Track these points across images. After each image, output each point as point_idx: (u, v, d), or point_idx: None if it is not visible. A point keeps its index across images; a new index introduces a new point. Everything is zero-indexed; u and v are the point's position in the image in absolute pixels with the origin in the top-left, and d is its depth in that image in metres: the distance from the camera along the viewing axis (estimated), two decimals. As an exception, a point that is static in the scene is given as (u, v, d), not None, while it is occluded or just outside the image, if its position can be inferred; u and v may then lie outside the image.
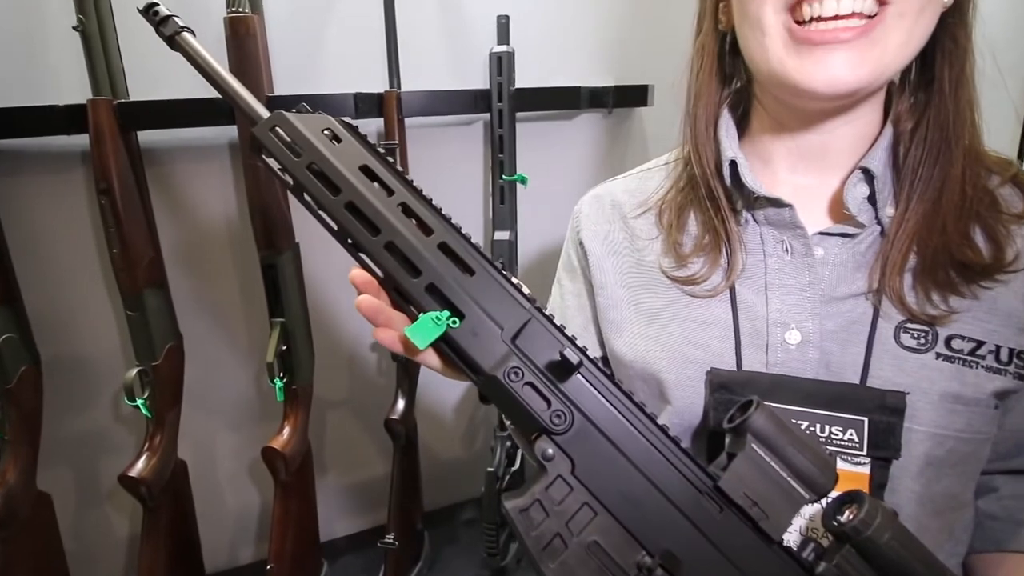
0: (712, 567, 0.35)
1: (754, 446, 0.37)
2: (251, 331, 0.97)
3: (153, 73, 0.79)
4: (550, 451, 0.36)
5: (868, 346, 0.44)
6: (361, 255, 0.39)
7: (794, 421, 0.42)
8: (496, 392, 0.38)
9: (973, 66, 0.44)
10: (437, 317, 0.37)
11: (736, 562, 0.35)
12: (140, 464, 0.82)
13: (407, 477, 0.96)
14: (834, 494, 0.37)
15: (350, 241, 0.39)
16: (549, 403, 0.37)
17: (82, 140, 0.77)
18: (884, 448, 0.42)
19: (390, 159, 0.41)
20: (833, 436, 0.43)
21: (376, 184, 0.39)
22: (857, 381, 0.43)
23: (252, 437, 1.01)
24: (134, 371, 0.82)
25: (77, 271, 0.87)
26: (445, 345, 0.39)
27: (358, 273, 0.38)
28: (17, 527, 0.79)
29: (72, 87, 0.78)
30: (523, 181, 0.97)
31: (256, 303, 0.93)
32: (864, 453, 0.42)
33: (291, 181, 0.40)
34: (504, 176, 0.96)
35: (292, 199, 0.71)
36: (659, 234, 0.53)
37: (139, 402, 0.82)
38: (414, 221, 0.39)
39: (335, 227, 0.40)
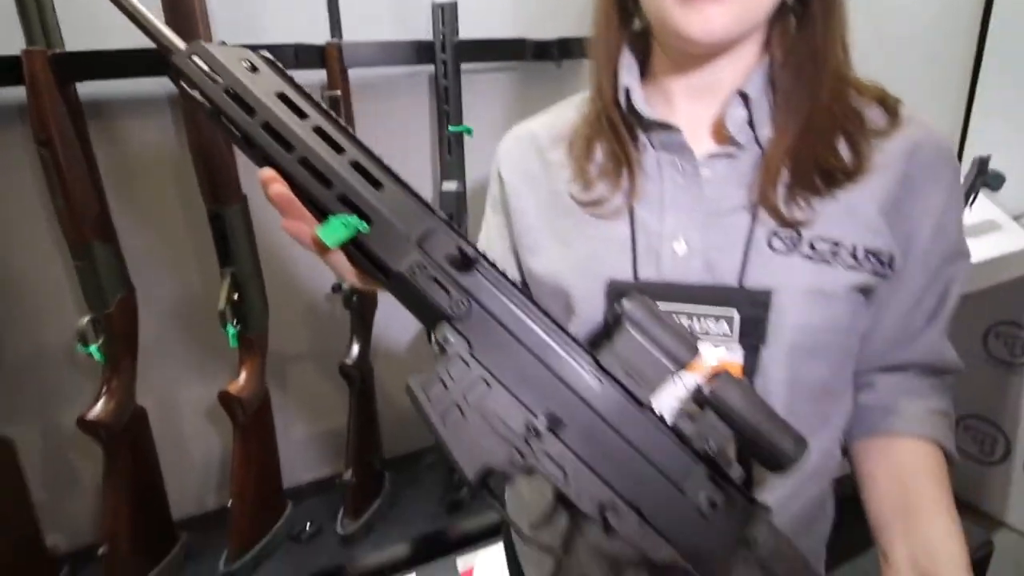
0: (591, 426, 0.40)
1: (628, 328, 0.41)
2: (205, 282, 0.99)
3: (89, 24, 0.79)
4: (450, 336, 0.40)
5: (745, 252, 0.48)
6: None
7: (675, 317, 0.47)
8: (403, 289, 0.41)
9: None
10: (346, 221, 0.40)
11: (611, 423, 0.40)
12: (98, 408, 0.85)
13: (363, 420, 1.00)
14: (701, 378, 0.42)
15: (267, 160, 0.42)
16: (449, 293, 0.41)
17: (19, 93, 0.77)
18: (751, 336, 0.47)
19: (310, 94, 0.43)
20: (709, 328, 0.48)
21: (291, 109, 0.42)
22: (735, 283, 0.48)
23: (213, 386, 1.03)
24: (86, 319, 0.84)
25: (24, 224, 0.88)
26: (356, 250, 0.42)
27: (271, 175, 0.41)
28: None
29: (6, 38, 0.78)
30: (468, 132, 0.99)
31: (208, 255, 0.95)
32: (736, 341, 0.47)
33: (209, 105, 0.42)
34: (450, 127, 0.98)
35: (238, 153, 0.73)
36: (570, 163, 0.57)
37: (92, 348, 0.84)
38: (327, 143, 0.42)
39: (252, 149, 0.42)
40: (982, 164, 1.44)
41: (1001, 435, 1.67)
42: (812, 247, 0.48)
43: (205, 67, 0.42)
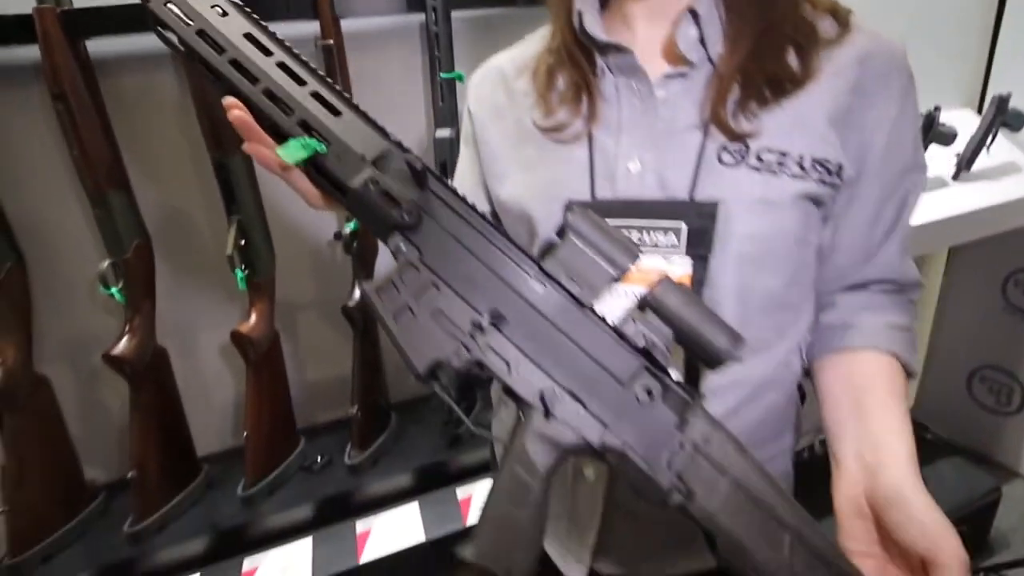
0: (533, 323, 0.43)
1: (571, 237, 0.44)
2: (216, 231, 1.05)
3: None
4: (402, 245, 0.44)
5: (696, 168, 0.50)
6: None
7: (626, 231, 0.50)
8: (358, 204, 0.45)
9: None
10: (305, 143, 0.44)
11: (553, 320, 0.43)
12: (121, 345, 0.92)
13: (367, 359, 1.06)
14: (645, 286, 0.45)
15: (234, 92, 0.46)
16: (400, 206, 0.44)
17: (34, 52, 0.83)
18: (699, 247, 0.49)
19: (276, 35, 0.47)
20: (658, 241, 0.50)
21: (257, 48, 0.46)
22: (686, 196, 0.50)
23: (229, 329, 1.10)
24: (106, 263, 0.91)
25: (46, 175, 0.94)
26: (315, 170, 0.46)
27: (232, 101, 0.45)
28: (20, 405, 0.91)
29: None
30: (460, 79, 1.01)
31: (217, 204, 1.01)
32: (683, 252, 0.49)
33: (182, 47, 0.47)
34: (442, 74, 1.00)
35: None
36: (533, 91, 0.59)
37: (113, 290, 0.91)
38: (289, 76, 0.46)
39: (221, 82, 0.46)
40: (1001, 103, 1.38)
41: (1018, 385, 1.64)
42: (759, 158, 0.49)
43: (179, 12, 0.46)
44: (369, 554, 0.93)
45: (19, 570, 0.90)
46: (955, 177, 1.40)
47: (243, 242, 0.96)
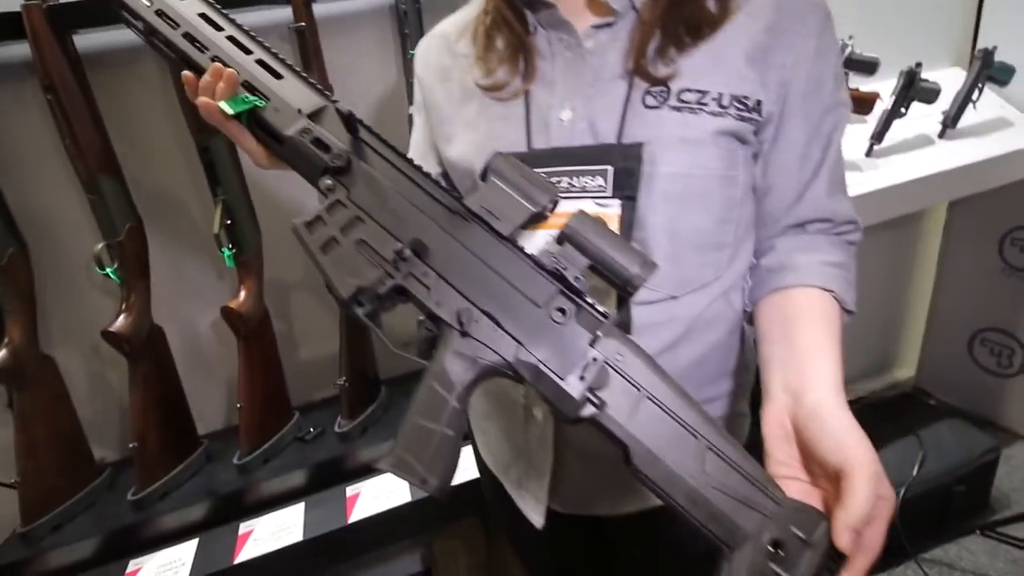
0: (453, 252, 0.47)
1: (493, 179, 0.48)
2: (205, 212, 1.09)
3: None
4: (330, 182, 0.48)
5: (623, 112, 0.52)
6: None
7: (556, 179, 0.52)
8: (293, 152, 0.49)
9: None
10: (245, 98, 0.50)
11: (472, 249, 0.46)
12: (119, 322, 0.97)
13: (354, 331, 1.10)
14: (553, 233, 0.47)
15: (187, 61, 0.52)
16: (330, 151, 0.48)
17: (26, 48, 0.88)
18: (625, 188, 0.51)
19: (228, 15, 0.53)
20: (587, 185, 0.52)
21: (208, 23, 0.52)
22: (614, 141, 0.52)
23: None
24: (100, 244, 0.96)
25: (42, 164, 1.00)
26: (256, 125, 0.50)
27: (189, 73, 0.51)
28: (28, 383, 0.97)
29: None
30: (432, 56, 1.04)
31: (205, 186, 1.06)
32: (610, 195, 0.52)
33: (142, 27, 0.53)
34: (411, 51, 1.03)
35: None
36: (473, 52, 0.62)
37: (108, 270, 0.96)
38: (236, 46, 0.52)
39: (175, 53, 0.52)
40: (987, 56, 1.37)
41: (1018, 345, 1.62)
42: (680, 99, 0.52)
43: None
44: (358, 514, 0.97)
45: (30, 537, 0.96)
46: (941, 135, 1.39)
47: (229, 221, 1.00)
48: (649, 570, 0.69)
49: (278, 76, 0.51)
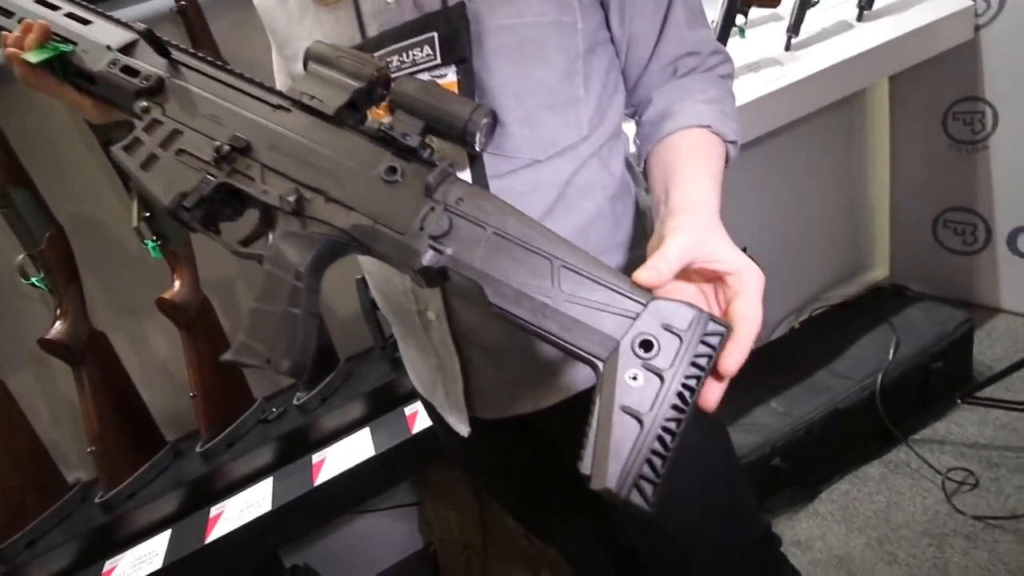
0: (277, 142, 0.46)
1: (312, 64, 0.47)
2: (129, 207, 1.09)
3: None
4: (144, 104, 0.48)
5: None
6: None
7: (385, 60, 0.52)
8: (107, 87, 0.50)
9: None
10: (53, 46, 0.50)
11: (298, 134, 0.46)
12: (55, 329, 0.97)
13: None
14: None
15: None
16: (138, 74, 0.49)
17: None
18: (454, 52, 0.50)
19: None
20: (416, 58, 0.52)
21: None
22: (439, 7, 0.51)
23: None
24: (21, 256, 0.96)
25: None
26: (74, 74, 0.51)
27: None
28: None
29: None
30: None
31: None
32: (440, 62, 0.51)
33: None
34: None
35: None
36: None
37: (34, 279, 0.96)
38: (44, 6, 0.53)
39: None
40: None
41: (979, 219, 1.62)
42: None
43: None
44: (323, 477, 0.97)
45: (5, 555, 0.96)
46: (859, 18, 1.38)
47: (148, 214, 1.00)
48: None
49: (86, 22, 0.52)
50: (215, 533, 0.93)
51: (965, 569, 1.15)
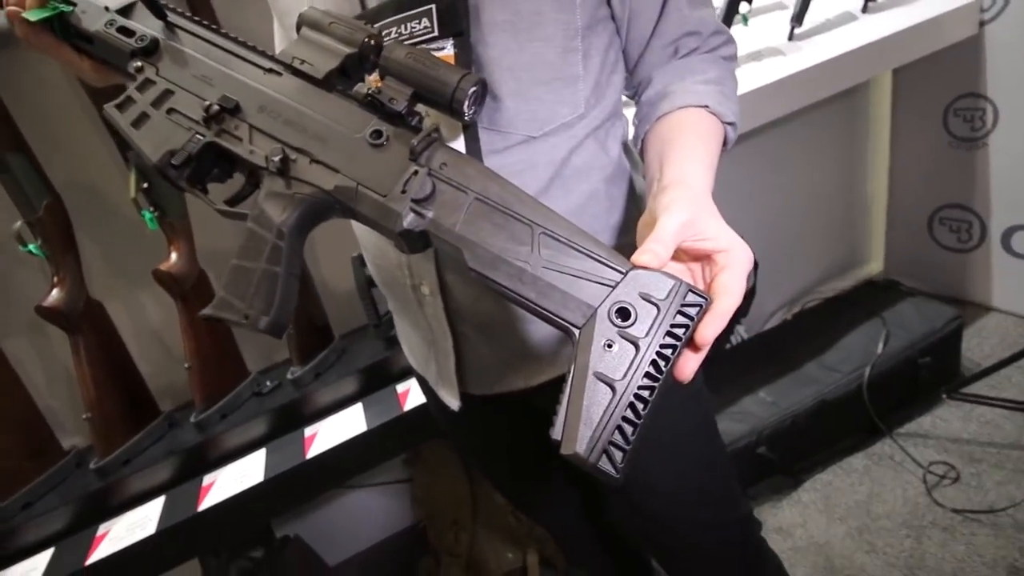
0: (266, 104, 0.47)
1: (304, 30, 0.48)
2: (126, 179, 1.09)
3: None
4: (139, 63, 0.49)
5: None
6: None
7: (385, 33, 0.52)
8: (104, 47, 0.50)
9: None
10: (53, 5, 0.51)
11: (287, 97, 0.47)
12: (52, 297, 0.97)
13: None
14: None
15: None
16: (133, 34, 0.50)
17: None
18: (452, 25, 0.50)
19: None
20: (414, 30, 0.52)
21: None
22: None
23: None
24: (18, 223, 0.96)
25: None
26: (73, 35, 0.51)
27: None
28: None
29: None
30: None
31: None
32: (437, 34, 0.51)
33: None
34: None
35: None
36: None
37: (31, 247, 0.96)
38: None
39: None
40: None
41: (975, 217, 1.62)
42: None
43: None
44: (315, 450, 0.98)
45: (1, 517, 0.97)
46: (864, 10, 1.37)
47: (145, 185, 1.00)
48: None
49: None
50: (208, 501, 0.94)
51: (942, 560, 1.18)
